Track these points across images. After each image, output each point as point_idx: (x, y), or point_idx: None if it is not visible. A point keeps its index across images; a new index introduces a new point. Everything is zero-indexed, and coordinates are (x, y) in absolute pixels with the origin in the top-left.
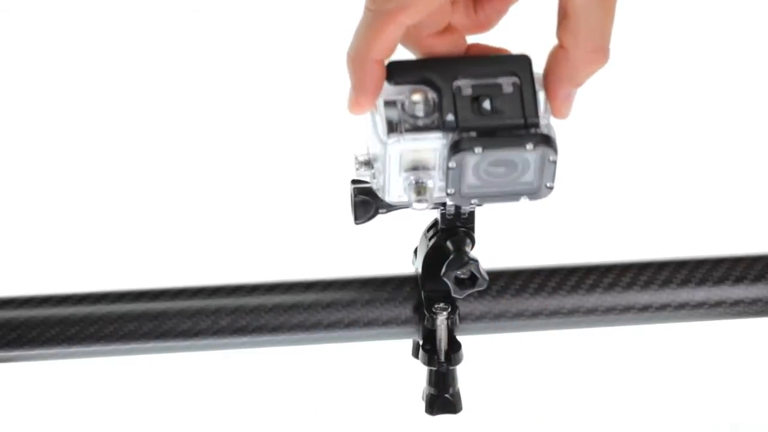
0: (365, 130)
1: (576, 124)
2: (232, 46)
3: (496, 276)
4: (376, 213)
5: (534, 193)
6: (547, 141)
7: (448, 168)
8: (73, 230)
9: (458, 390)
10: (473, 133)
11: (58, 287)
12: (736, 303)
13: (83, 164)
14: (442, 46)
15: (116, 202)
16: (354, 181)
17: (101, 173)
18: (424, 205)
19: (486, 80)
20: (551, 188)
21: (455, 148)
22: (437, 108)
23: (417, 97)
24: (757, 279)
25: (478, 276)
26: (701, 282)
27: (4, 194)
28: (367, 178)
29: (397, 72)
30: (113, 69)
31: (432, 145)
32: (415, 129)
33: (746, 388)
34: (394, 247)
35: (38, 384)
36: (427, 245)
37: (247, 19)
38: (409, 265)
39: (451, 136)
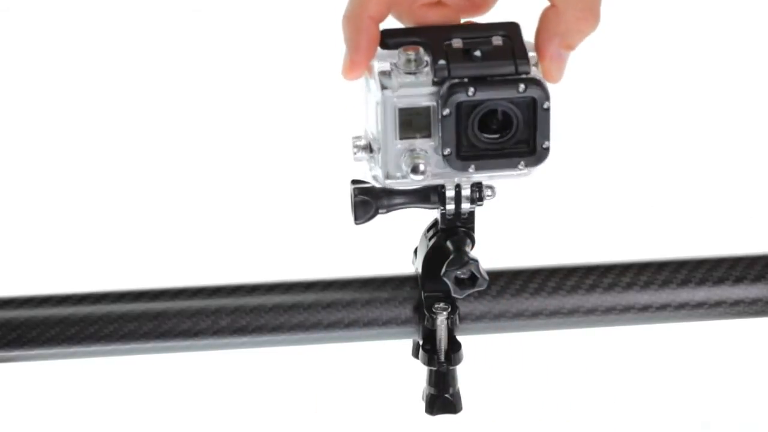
0: (361, 107)
1: (576, 124)
2: (232, 46)
3: (496, 276)
4: (376, 213)
5: (531, 156)
6: (538, 83)
7: (442, 117)
8: (73, 230)
9: (458, 390)
10: (465, 80)
11: (58, 287)
12: (736, 303)
13: (83, 164)
14: (434, 17)
15: (116, 202)
16: (354, 181)
17: (101, 173)
18: (421, 176)
19: (477, 38)
20: (548, 149)
21: (448, 93)
22: (430, 65)
23: (410, 53)
24: (757, 279)
25: (478, 276)
26: (701, 282)
27: (4, 194)
28: (363, 165)
29: (390, 37)
30: (113, 69)
31: (425, 100)
32: (409, 85)
33: (746, 388)
34: (394, 247)
35: (38, 384)
36: (427, 245)
37: (247, 21)
38: (409, 265)
39: (442, 88)
